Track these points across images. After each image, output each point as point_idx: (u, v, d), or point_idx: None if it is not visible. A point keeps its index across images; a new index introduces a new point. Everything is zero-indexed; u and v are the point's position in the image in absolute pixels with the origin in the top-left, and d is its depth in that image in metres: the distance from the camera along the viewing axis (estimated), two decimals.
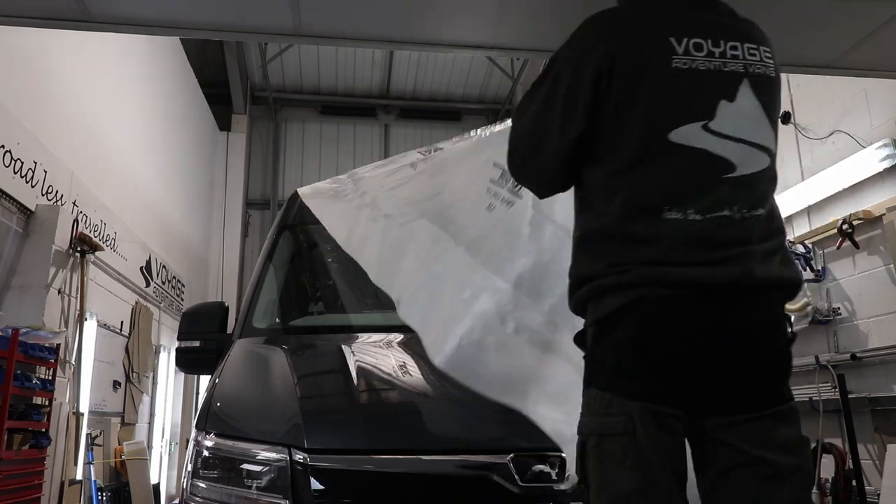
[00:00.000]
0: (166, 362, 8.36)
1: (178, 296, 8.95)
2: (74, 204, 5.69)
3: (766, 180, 1.41)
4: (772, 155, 1.41)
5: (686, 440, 1.36)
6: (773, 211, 1.43)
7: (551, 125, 1.45)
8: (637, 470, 1.26)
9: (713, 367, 1.31)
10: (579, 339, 1.46)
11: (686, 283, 1.30)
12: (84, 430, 5.63)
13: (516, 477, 1.73)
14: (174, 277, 8.78)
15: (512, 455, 1.75)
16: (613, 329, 1.34)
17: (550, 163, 1.49)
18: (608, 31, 1.45)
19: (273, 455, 1.78)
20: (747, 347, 1.33)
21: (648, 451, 1.27)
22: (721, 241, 1.33)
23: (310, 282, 3.33)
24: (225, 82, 10.74)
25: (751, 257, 1.34)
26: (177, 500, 2.72)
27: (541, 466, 1.73)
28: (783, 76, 5.39)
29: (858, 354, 4.36)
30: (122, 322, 6.89)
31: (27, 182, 4.96)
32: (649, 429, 1.28)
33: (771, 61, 1.46)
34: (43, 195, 5.19)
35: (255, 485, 1.75)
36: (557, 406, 1.79)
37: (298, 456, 1.75)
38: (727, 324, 1.32)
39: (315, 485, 1.72)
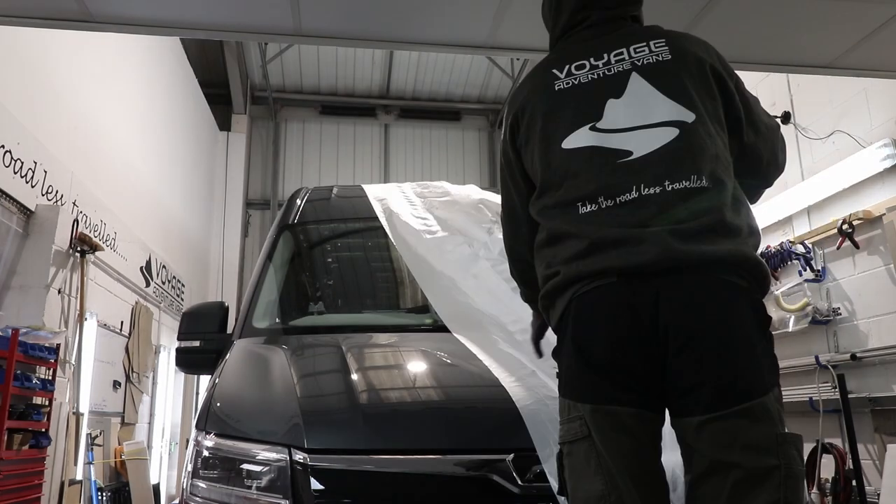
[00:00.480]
0: (166, 362, 8.36)
1: (178, 296, 8.95)
2: (74, 204, 5.69)
3: (682, 150, 1.40)
4: (682, 125, 1.43)
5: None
6: (710, 185, 1.37)
7: (515, 201, 1.67)
8: (600, 474, 1.26)
9: (653, 358, 1.27)
10: (555, 354, 1.50)
11: (605, 272, 1.33)
12: (84, 430, 5.63)
13: (516, 477, 1.73)
14: (174, 277, 8.78)
15: (512, 455, 1.75)
16: (564, 334, 1.40)
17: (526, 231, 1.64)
18: (513, 97, 1.68)
19: (273, 455, 1.78)
20: (690, 333, 1.25)
21: (604, 455, 1.27)
22: (637, 221, 1.35)
23: (310, 282, 3.33)
24: (225, 82, 10.73)
25: (674, 234, 1.31)
26: (177, 500, 2.72)
27: (541, 466, 1.73)
28: (783, 76, 5.36)
29: (858, 354, 4.36)
30: (122, 322, 6.89)
31: (27, 182, 4.96)
32: (603, 431, 1.27)
33: (664, 47, 1.55)
34: (43, 195, 5.19)
35: (255, 485, 1.75)
36: None
37: (298, 456, 1.75)
38: (659, 309, 1.27)
39: (315, 485, 1.72)
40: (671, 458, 1.44)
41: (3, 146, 4.61)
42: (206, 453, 1.84)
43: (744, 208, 1.43)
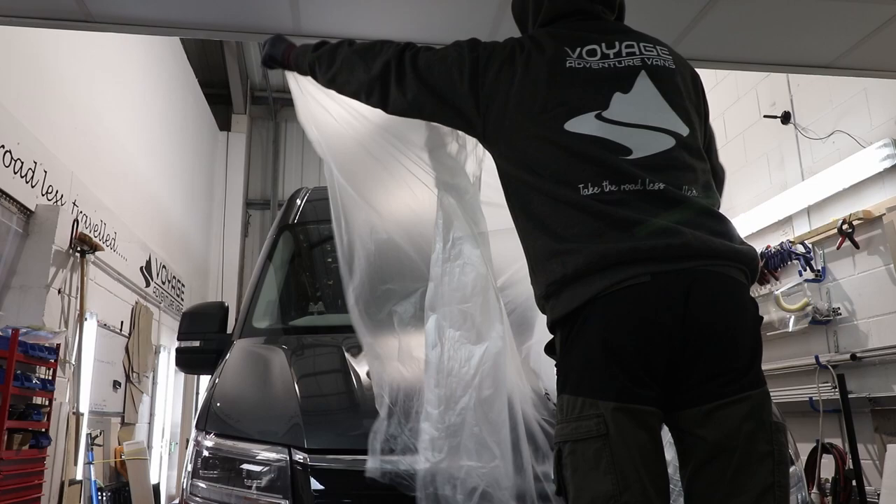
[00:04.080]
0: (166, 362, 8.36)
1: (178, 296, 8.96)
2: (74, 204, 5.70)
3: (678, 160, 1.41)
4: (678, 136, 1.44)
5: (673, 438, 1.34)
6: (706, 196, 1.41)
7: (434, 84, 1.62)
8: (611, 474, 1.23)
9: (675, 353, 1.27)
10: (549, 349, 1.44)
11: (637, 258, 1.27)
12: (84, 430, 5.63)
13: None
14: (174, 277, 8.79)
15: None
16: (581, 328, 1.31)
17: None
18: (516, 41, 1.59)
19: (273, 455, 1.78)
20: (714, 329, 1.28)
21: (621, 453, 1.23)
22: (649, 212, 1.32)
23: (310, 282, 3.33)
24: (225, 82, 10.74)
25: (690, 226, 1.31)
26: (177, 500, 2.72)
27: (541, 466, 1.73)
28: (783, 76, 5.36)
29: (858, 354, 4.36)
30: (122, 322, 6.89)
31: (27, 182, 4.96)
32: (626, 430, 1.24)
33: (669, 56, 1.55)
34: (43, 195, 5.19)
35: (255, 485, 1.75)
36: None
37: (298, 456, 1.75)
38: (688, 304, 1.27)
39: (315, 485, 1.72)
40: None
41: (3, 146, 4.62)
42: (206, 453, 1.84)
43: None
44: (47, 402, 4.78)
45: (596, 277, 1.28)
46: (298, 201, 3.40)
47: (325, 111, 1.96)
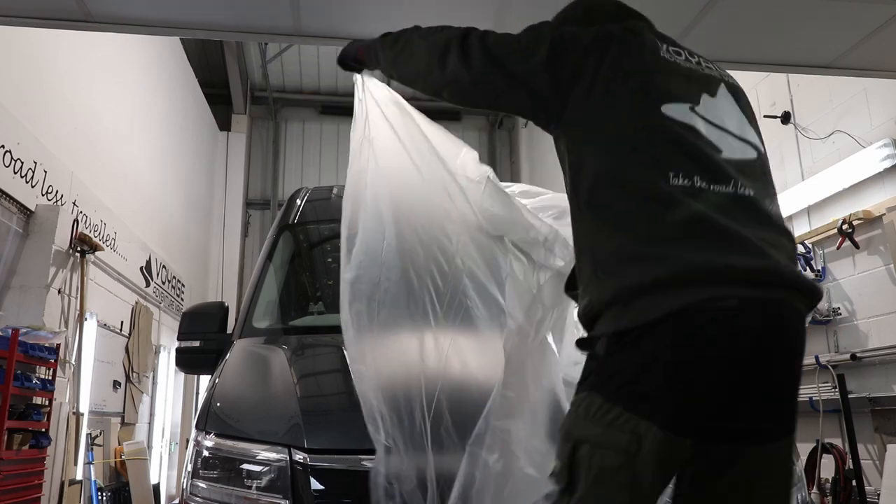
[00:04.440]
0: (166, 362, 8.36)
1: (178, 296, 8.96)
2: (74, 204, 5.70)
3: (759, 172, 1.37)
4: (759, 150, 1.42)
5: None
6: (778, 209, 1.38)
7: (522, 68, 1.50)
8: (626, 490, 1.16)
9: (746, 390, 1.17)
10: (585, 343, 1.29)
11: (731, 282, 1.15)
12: (84, 430, 5.63)
13: None
14: (174, 277, 8.78)
15: None
16: (639, 342, 1.17)
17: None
18: (606, 30, 1.49)
19: (273, 455, 1.78)
20: (780, 368, 1.20)
21: (643, 474, 1.16)
22: (741, 218, 1.22)
23: (310, 282, 3.33)
24: (225, 82, 10.74)
25: (775, 247, 1.22)
26: (177, 500, 2.72)
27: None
28: (783, 76, 5.34)
29: (858, 354, 4.36)
30: (122, 322, 6.89)
31: (27, 182, 4.96)
32: (655, 454, 1.15)
33: (731, 78, 1.53)
34: (43, 195, 5.19)
35: (255, 485, 1.75)
36: None
37: (298, 456, 1.75)
38: (769, 341, 1.17)
39: (315, 485, 1.72)
40: None
41: (3, 146, 4.62)
42: (206, 453, 1.84)
43: None
44: (47, 402, 4.78)
45: (679, 291, 1.15)
46: (298, 201, 3.40)
47: (384, 118, 1.97)
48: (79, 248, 5.61)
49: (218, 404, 2.03)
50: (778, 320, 1.19)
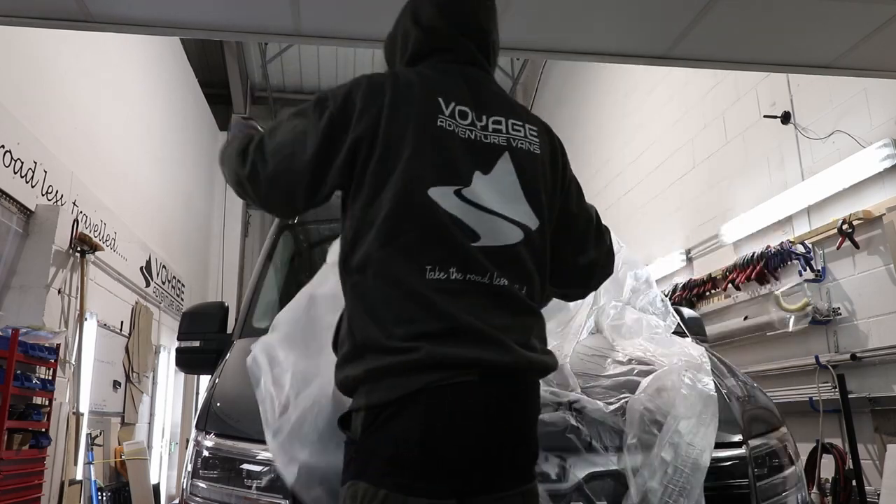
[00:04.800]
0: (166, 362, 8.36)
1: (178, 296, 8.96)
2: (74, 204, 5.70)
3: (522, 255, 1.37)
4: (527, 230, 1.38)
5: None
6: (534, 290, 1.39)
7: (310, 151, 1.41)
8: None
9: (495, 454, 1.28)
10: (344, 422, 1.33)
11: (468, 365, 1.24)
12: (84, 430, 5.63)
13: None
14: (174, 277, 8.79)
15: None
16: (392, 419, 1.23)
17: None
18: (383, 87, 1.42)
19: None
20: (521, 428, 1.33)
21: None
22: (487, 315, 1.28)
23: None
24: (225, 82, 10.74)
25: (518, 334, 1.32)
26: (177, 500, 2.71)
27: (542, 466, 1.73)
28: (783, 76, 5.34)
29: (858, 354, 4.36)
30: (122, 322, 6.89)
31: (27, 182, 4.96)
32: None
33: (536, 139, 1.47)
34: (43, 195, 5.19)
35: (255, 485, 1.75)
36: None
37: None
38: (508, 409, 1.29)
39: None
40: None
41: (3, 146, 4.62)
42: (206, 453, 1.84)
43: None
44: (47, 402, 4.78)
45: (425, 373, 1.23)
46: None
47: None
48: (79, 248, 5.61)
49: (218, 404, 2.03)
50: (515, 391, 1.31)
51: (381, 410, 1.25)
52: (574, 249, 1.59)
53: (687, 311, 3.03)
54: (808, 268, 4.77)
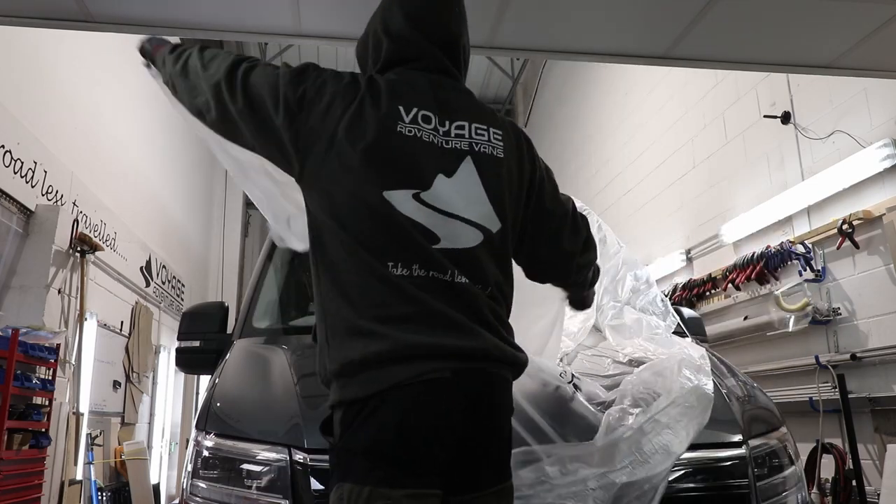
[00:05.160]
0: (166, 362, 8.36)
1: (178, 296, 8.96)
2: (74, 204, 5.70)
3: (481, 257, 1.39)
4: (487, 232, 1.41)
5: None
6: (496, 291, 1.41)
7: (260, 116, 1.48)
8: None
9: (470, 445, 1.30)
10: (325, 427, 1.37)
11: (441, 355, 1.27)
12: (84, 430, 5.64)
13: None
14: (174, 277, 8.79)
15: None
16: (369, 417, 1.26)
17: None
18: (349, 82, 1.48)
19: (273, 455, 1.77)
20: (495, 424, 1.35)
21: None
22: (457, 305, 1.32)
23: (310, 282, 3.32)
24: None
25: (486, 327, 1.34)
26: (177, 500, 2.72)
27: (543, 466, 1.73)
28: (783, 76, 5.34)
29: (858, 354, 4.36)
30: (122, 322, 6.89)
31: (27, 182, 4.96)
32: None
33: (500, 143, 1.49)
34: (43, 195, 5.19)
35: (255, 485, 1.75)
36: None
37: (298, 456, 1.75)
38: (481, 405, 1.32)
39: (315, 485, 1.72)
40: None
41: (3, 146, 4.62)
42: (206, 453, 1.84)
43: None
44: (47, 402, 4.78)
45: (398, 367, 1.26)
46: None
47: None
48: (79, 248, 5.61)
49: (218, 404, 2.03)
50: (488, 387, 1.33)
51: (358, 408, 1.27)
52: (549, 243, 1.63)
53: (687, 311, 3.03)
54: (808, 268, 4.77)
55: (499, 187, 1.45)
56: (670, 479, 1.70)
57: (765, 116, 5.37)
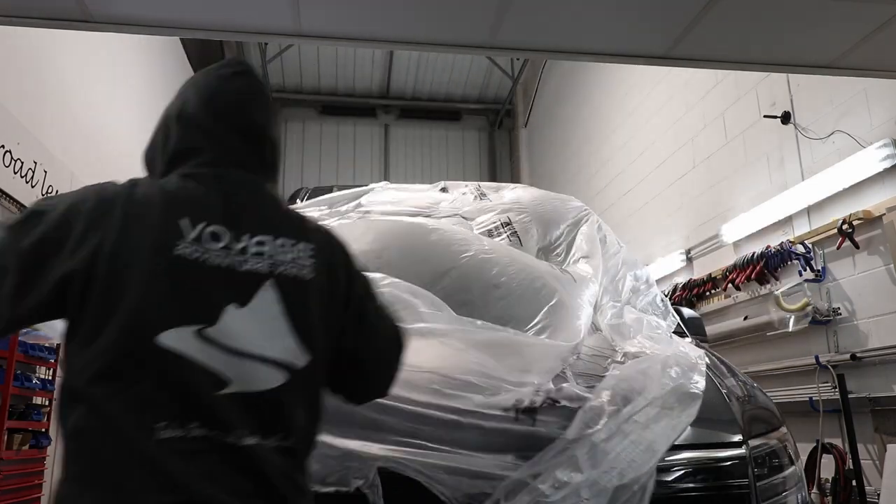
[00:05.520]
0: None
1: None
2: None
3: (284, 401, 1.16)
4: (292, 370, 1.17)
5: None
6: (300, 439, 1.18)
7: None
8: None
9: None
10: None
11: None
12: None
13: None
14: None
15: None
16: None
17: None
18: (100, 203, 1.20)
19: None
20: None
21: None
22: (230, 475, 1.07)
23: None
24: None
25: (263, 497, 1.09)
26: None
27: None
28: (783, 76, 5.34)
29: (858, 354, 4.36)
30: None
31: (27, 182, 4.96)
32: None
33: (309, 261, 1.24)
34: (43, 195, 5.19)
35: None
36: None
37: None
38: None
39: None
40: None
41: (3, 146, 4.62)
42: None
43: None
44: (47, 402, 4.78)
45: None
46: (298, 201, 3.40)
47: None
48: None
49: None
50: None
51: None
52: (373, 362, 1.40)
53: (687, 311, 3.03)
54: (808, 268, 4.77)
55: (306, 314, 1.21)
56: (670, 479, 1.69)
57: (765, 116, 5.37)
